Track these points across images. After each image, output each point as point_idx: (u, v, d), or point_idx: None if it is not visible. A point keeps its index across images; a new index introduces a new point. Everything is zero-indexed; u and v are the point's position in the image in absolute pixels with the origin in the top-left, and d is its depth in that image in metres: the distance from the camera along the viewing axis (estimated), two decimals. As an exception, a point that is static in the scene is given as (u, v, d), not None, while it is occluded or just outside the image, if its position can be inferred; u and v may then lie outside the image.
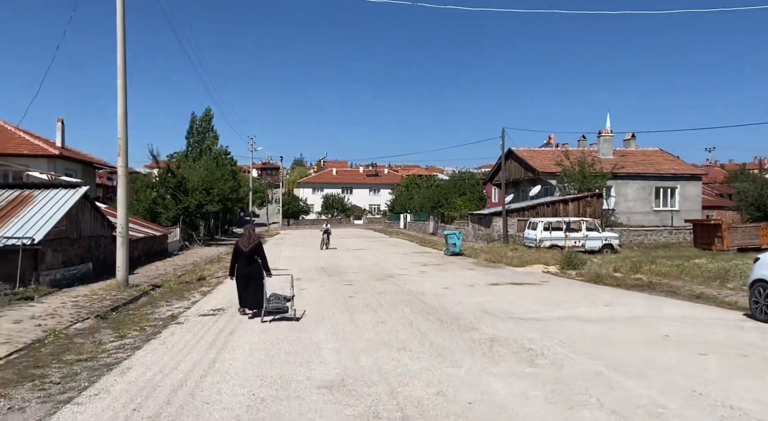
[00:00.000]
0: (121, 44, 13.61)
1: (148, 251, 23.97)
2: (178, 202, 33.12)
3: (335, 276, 17.05)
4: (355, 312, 10.24)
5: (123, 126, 13.85)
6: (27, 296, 11.96)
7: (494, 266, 21.20)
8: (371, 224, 76.54)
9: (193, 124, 44.73)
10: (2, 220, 13.89)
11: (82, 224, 16.43)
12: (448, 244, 27.07)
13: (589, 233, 28.17)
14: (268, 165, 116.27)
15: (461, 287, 14.18)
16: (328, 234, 31.71)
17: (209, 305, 11.58)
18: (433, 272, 18.30)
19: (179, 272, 18.67)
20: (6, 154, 29.31)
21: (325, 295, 12.71)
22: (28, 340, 8.16)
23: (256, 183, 69.30)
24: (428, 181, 69.66)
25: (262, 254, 10.32)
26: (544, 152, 42.91)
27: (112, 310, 11.17)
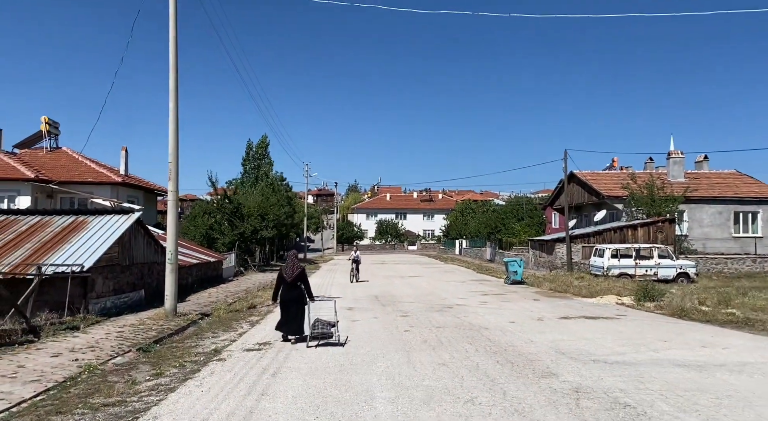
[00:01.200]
0: (173, 68, 13.40)
1: (202, 277, 23.79)
2: (234, 227, 33.20)
3: (389, 306, 16.04)
4: (412, 350, 9.18)
5: (174, 149, 13.55)
6: (73, 326, 11.58)
7: (561, 296, 19.60)
8: (425, 249, 75.26)
9: (250, 150, 45.35)
10: (55, 246, 13.77)
11: (135, 250, 16.22)
12: (508, 272, 25.59)
13: (662, 261, 26.05)
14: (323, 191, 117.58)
15: (528, 321, 12.85)
16: (357, 264, 26.33)
17: (256, 338, 10.81)
18: (495, 303, 16.98)
19: (230, 300, 18.18)
20: (73, 181, 30.33)
21: (379, 328, 11.71)
22: (60, 377, 7.57)
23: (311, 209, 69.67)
24: (484, 207, 67.92)
25: (305, 279, 10.50)
26: (609, 175, 40.70)
27: (156, 342, 10.59)
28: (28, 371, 7.87)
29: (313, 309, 10.25)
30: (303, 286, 10.40)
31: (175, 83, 13.39)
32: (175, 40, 13.37)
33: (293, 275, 10.26)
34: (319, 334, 9.68)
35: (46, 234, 14.41)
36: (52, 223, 15.13)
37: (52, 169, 31.12)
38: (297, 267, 10.40)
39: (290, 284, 10.27)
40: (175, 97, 13.43)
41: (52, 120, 34.26)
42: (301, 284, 10.38)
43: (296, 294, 10.26)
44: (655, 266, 25.93)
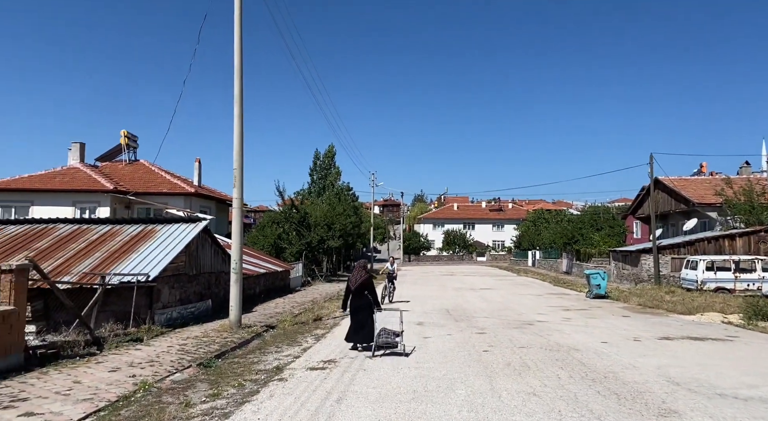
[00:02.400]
0: (238, 72, 13.02)
1: (270, 287, 23.54)
2: (301, 237, 33.09)
3: (463, 321, 14.88)
4: (495, 376, 8.04)
5: (239, 156, 13.14)
6: (137, 338, 11.27)
7: (653, 312, 17.70)
8: (495, 260, 72.96)
9: (317, 160, 45.46)
10: (123, 255, 13.67)
11: (202, 259, 15.99)
12: (590, 285, 23.70)
13: (767, 274, 23.31)
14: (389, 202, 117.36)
15: (623, 341, 11.34)
16: (392, 280, 20.70)
17: (320, 354, 10.02)
18: (580, 320, 15.42)
19: (296, 311, 17.63)
20: (149, 192, 31.26)
21: (454, 347, 10.62)
22: (114, 396, 7.04)
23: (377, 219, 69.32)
24: (558, 216, 64.99)
25: (371, 289, 10.45)
26: (699, 181, 37.55)
27: (218, 356, 10.03)
28: (82, 387, 7.42)
29: (379, 319, 10.27)
30: (370, 295, 10.38)
31: (239, 88, 13.00)
32: (240, 41, 13.00)
33: (357, 283, 10.40)
34: (384, 343, 9.75)
35: (115, 243, 14.39)
36: (122, 232, 15.14)
37: (130, 180, 32.25)
38: (362, 276, 10.48)
39: (355, 292, 10.42)
40: (239, 102, 13.04)
41: (131, 133, 35.63)
42: (367, 293, 10.39)
43: (362, 303, 10.32)
44: (759, 280, 23.34)
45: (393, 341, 9.78)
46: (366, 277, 10.48)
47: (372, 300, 10.35)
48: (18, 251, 13.68)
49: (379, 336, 9.77)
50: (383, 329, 9.89)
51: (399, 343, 9.79)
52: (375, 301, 10.41)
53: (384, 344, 9.78)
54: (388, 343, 9.78)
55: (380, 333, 9.81)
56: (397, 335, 9.82)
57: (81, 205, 29.64)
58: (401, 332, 9.93)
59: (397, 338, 9.80)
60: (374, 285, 10.68)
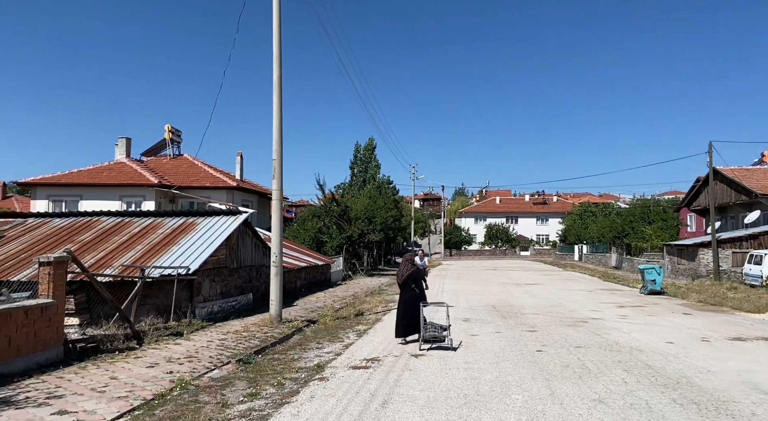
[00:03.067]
0: (277, 58, 12.65)
1: (311, 280, 23.31)
2: (342, 231, 32.79)
3: (511, 318, 14.16)
4: (553, 378, 7.36)
5: (278, 146, 12.79)
6: (177, 332, 11.07)
7: (716, 310, 16.51)
8: (539, 255, 71.22)
9: (357, 153, 45.12)
10: (164, 248, 13.56)
11: (242, 252, 15.79)
12: (644, 280, 22.48)
13: (839, 270, 21.61)
14: (429, 195, 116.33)
15: (691, 341, 10.42)
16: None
17: (363, 352, 9.55)
18: (637, 317, 14.46)
19: (338, 305, 17.27)
20: (192, 186, 31.59)
21: (505, 346, 9.96)
22: (149, 394, 6.73)
23: (418, 213, 68.62)
24: (606, 209, 62.80)
25: (419, 281, 10.38)
26: (762, 171, 35.33)
27: (258, 352, 9.70)
28: (119, 384, 7.16)
29: (426, 313, 10.03)
30: (416, 288, 10.29)
31: (278, 75, 12.63)
32: (279, 26, 12.60)
33: (403, 276, 10.31)
34: (431, 337, 9.58)
35: (156, 236, 14.31)
36: (163, 225, 15.07)
37: (174, 175, 32.66)
38: (408, 269, 10.38)
39: (402, 285, 10.37)
40: (278, 90, 12.67)
41: (175, 128, 36.12)
42: (414, 286, 10.29)
43: (410, 296, 10.23)
44: (831, 277, 21.61)
45: (440, 335, 9.61)
46: (413, 269, 10.39)
47: (419, 293, 10.23)
48: (63, 244, 13.74)
49: (426, 330, 9.63)
50: (430, 323, 9.76)
51: (446, 337, 9.58)
52: (422, 294, 10.29)
53: (431, 338, 9.62)
54: (435, 337, 9.61)
55: (427, 327, 9.68)
56: (444, 329, 9.66)
57: (127, 199, 30.17)
58: (448, 326, 9.75)
59: (444, 332, 9.63)
60: (421, 278, 10.61)
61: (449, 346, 9.61)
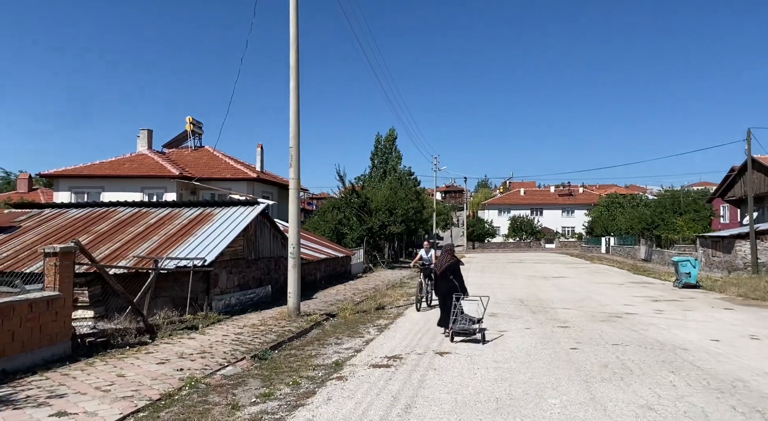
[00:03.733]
0: (294, 39, 12.10)
1: (331, 273, 22.87)
2: (362, 222, 32.33)
3: (540, 313, 13.49)
4: (593, 381, 6.72)
5: (295, 133, 12.27)
6: (192, 326, 10.68)
7: (759, 304, 15.59)
8: (565, 247, 69.84)
9: (378, 144, 44.45)
10: (180, 239, 13.20)
11: (260, 243, 15.38)
12: (679, 273, 21.50)
13: None
14: (451, 187, 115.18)
15: (738, 339, 9.65)
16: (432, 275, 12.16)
17: (384, 349, 9.01)
18: (675, 312, 13.66)
19: (358, 298, 16.77)
20: (213, 178, 31.41)
21: (536, 344, 9.32)
22: (156, 394, 6.30)
23: (440, 205, 67.76)
24: (633, 200, 61.15)
25: (457, 273, 10.28)
26: (802, 158, 33.66)
27: (274, 347, 9.24)
28: (126, 382, 6.74)
29: (462, 305, 9.71)
30: (455, 280, 10.14)
31: (295, 58, 12.09)
32: (296, 7, 12.04)
33: (442, 267, 10.29)
34: (460, 329, 9.37)
35: (173, 227, 13.97)
36: (180, 215, 14.72)
37: (195, 166, 32.50)
38: (447, 260, 10.37)
39: (441, 276, 10.31)
40: (296, 75, 12.14)
41: (196, 120, 35.95)
42: (452, 277, 10.16)
43: (447, 287, 10.10)
44: None
45: (470, 327, 9.35)
46: (453, 261, 10.37)
47: (457, 284, 10.07)
48: (78, 234, 13.48)
49: (456, 322, 9.39)
50: (462, 315, 9.48)
51: (477, 330, 9.33)
52: (461, 285, 10.12)
53: (461, 331, 9.38)
54: (465, 330, 9.36)
55: (457, 319, 9.42)
56: (475, 322, 9.40)
57: (149, 191, 30.08)
58: (480, 319, 9.51)
59: (475, 325, 9.36)
60: (461, 270, 10.49)
61: (480, 339, 9.29)
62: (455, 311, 9.49)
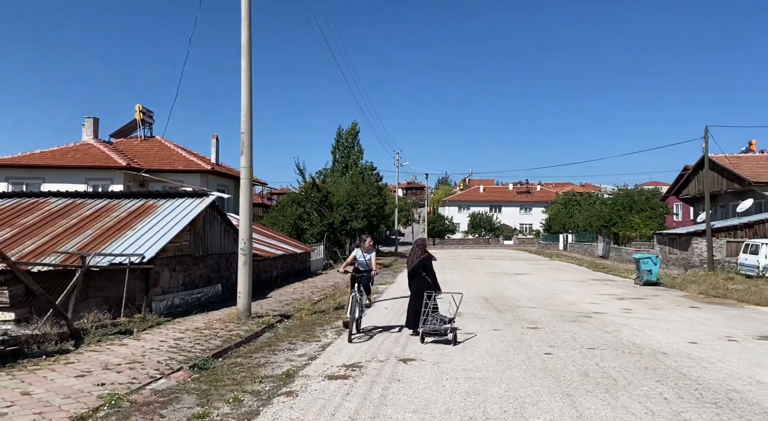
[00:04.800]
0: (246, 13, 11.01)
1: (288, 270, 21.79)
2: (323, 217, 31.29)
3: (507, 312, 12.86)
4: (576, 393, 6.01)
5: (247, 117, 11.19)
6: (126, 330, 9.52)
7: (721, 303, 15.43)
8: (522, 244, 70.39)
9: (340, 138, 43.35)
10: (117, 233, 11.94)
11: (210, 238, 14.22)
12: (640, 271, 21.40)
13: (837, 261, 20.79)
14: (412, 184, 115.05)
15: (716, 341, 9.18)
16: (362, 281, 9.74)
17: (342, 356, 8.12)
18: (644, 311, 13.27)
19: (316, 297, 15.81)
20: (163, 170, 29.75)
21: (507, 348, 8.61)
22: (64, 418, 5.23)
23: (401, 201, 67.17)
24: (590, 198, 62.06)
25: (429, 270, 9.58)
26: (754, 159, 34.57)
27: (218, 355, 8.23)
28: (30, 402, 5.63)
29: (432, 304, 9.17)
30: (428, 276, 9.50)
31: (247, 35, 11.00)
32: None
33: (413, 263, 9.64)
34: (432, 330, 8.85)
35: (110, 219, 12.68)
36: (119, 207, 13.41)
37: (145, 157, 30.76)
38: (419, 256, 9.63)
39: (412, 273, 9.69)
40: (248, 53, 11.05)
41: (147, 108, 34.05)
42: (424, 273, 9.53)
43: (418, 285, 9.48)
44: (829, 267, 20.79)
45: (440, 328, 8.81)
46: (425, 256, 9.63)
47: (430, 281, 9.43)
48: (0, 228, 12.05)
49: (426, 322, 8.85)
50: (433, 315, 8.94)
51: (448, 330, 8.80)
52: (434, 283, 9.46)
53: (432, 331, 8.87)
54: (436, 330, 8.83)
55: (428, 319, 8.89)
56: (446, 322, 8.86)
57: (93, 182, 28.22)
58: (452, 319, 8.99)
59: (446, 325, 8.83)
60: (433, 265, 9.72)
61: (451, 339, 8.79)
62: (426, 310, 8.92)
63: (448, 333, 8.83)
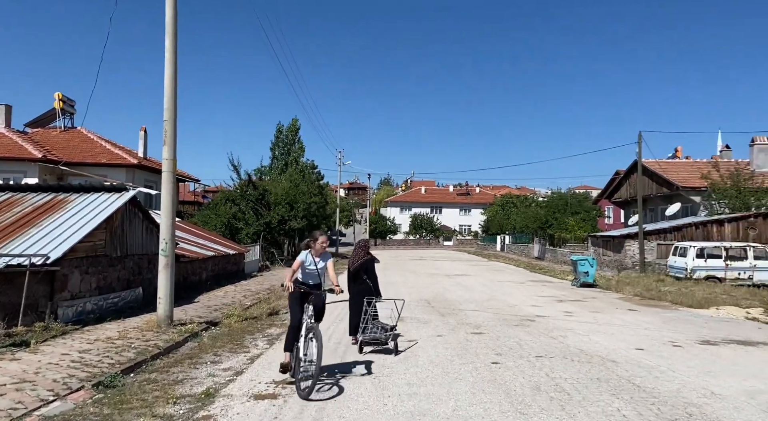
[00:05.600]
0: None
1: (220, 272, 20.55)
2: (260, 217, 30.02)
3: (450, 316, 12.38)
4: (529, 410, 5.47)
5: (171, 101, 10.12)
6: (21, 342, 8.28)
7: (657, 305, 15.63)
8: (462, 245, 71.19)
9: (279, 134, 41.96)
10: (19, 230, 10.56)
11: (130, 238, 12.96)
12: (577, 272, 21.64)
13: (758, 263, 21.80)
14: (355, 184, 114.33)
15: (662, 347, 8.99)
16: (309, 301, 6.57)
17: (272, 370, 7.27)
18: (584, 314, 13.15)
19: (249, 302, 14.80)
20: (85, 163, 27.57)
21: (452, 356, 8.04)
22: None
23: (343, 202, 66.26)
24: (526, 201, 63.53)
25: (371, 273, 9.02)
26: (682, 164, 36.12)
27: (128, 370, 7.21)
28: None
29: (375, 310, 8.66)
30: (369, 280, 8.92)
31: (173, 12, 9.93)
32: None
33: (354, 265, 8.97)
34: (371, 339, 8.22)
35: (12, 215, 11.25)
36: (23, 201, 11.95)
37: (64, 149, 28.42)
38: (360, 257, 9.01)
39: (353, 276, 9.03)
40: (173, 32, 9.99)
41: (68, 97, 31.55)
42: (365, 276, 8.94)
43: (360, 289, 8.85)
44: (751, 269, 21.75)
45: (381, 336, 8.20)
46: (367, 258, 9.03)
47: (371, 286, 8.86)
48: None
49: (366, 330, 8.23)
50: (373, 323, 8.37)
51: (389, 339, 8.24)
52: (375, 288, 8.90)
53: (371, 340, 8.22)
54: (376, 339, 8.20)
55: (368, 327, 8.28)
56: (387, 330, 8.30)
57: (4, 175, 25.64)
58: (394, 326, 8.44)
59: (387, 333, 8.27)
60: (375, 268, 9.19)
61: (393, 350, 8.20)
62: (366, 317, 8.33)
63: (388, 342, 8.27)
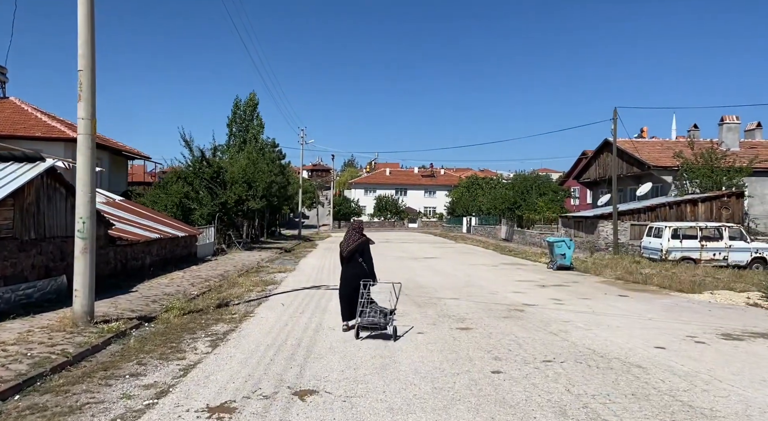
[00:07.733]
0: None
1: (167, 256, 18.45)
2: (215, 196, 27.75)
3: (428, 307, 10.83)
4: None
5: (87, 47, 8.07)
6: None
7: (645, 289, 14.52)
8: (427, 227, 70.17)
9: (236, 110, 39.35)
10: None
11: (48, 217, 10.85)
12: (554, 255, 20.52)
13: (733, 243, 21.12)
14: (318, 166, 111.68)
15: (682, 344, 7.63)
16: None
17: (209, 387, 5.52)
18: (575, 302, 11.83)
19: (196, 291, 12.88)
20: (16, 136, 24.67)
21: (441, 364, 6.45)
22: None
23: (306, 183, 63.98)
24: (492, 182, 62.67)
25: (367, 255, 8.73)
26: (652, 143, 35.49)
27: (12, 391, 5.35)
28: None
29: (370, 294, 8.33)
30: (364, 263, 8.60)
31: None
32: None
33: (348, 248, 8.59)
34: (369, 323, 7.97)
35: None
36: None
37: (-9, 121, 25.47)
38: (354, 240, 8.65)
39: (347, 259, 8.67)
40: (85, -43, 7.91)
41: (-2, 64, 28.38)
42: (361, 259, 8.61)
43: (354, 272, 8.54)
44: (725, 249, 21.07)
45: (379, 321, 7.88)
46: (362, 240, 8.67)
47: (367, 269, 8.53)
48: None
49: (363, 314, 7.96)
50: (370, 307, 8.07)
51: (388, 324, 7.91)
52: (370, 271, 8.58)
53: (369, 325, 7.91)
54: (375, 323, 7.89)
55: (365, 311, 8.00)
56: (386, 315, 7.99)
57: None
58: (393, 310, 8.16)
59: (386, 318, 7.93)
60: (370, 250, 8.81)
61: (392, 335, 7.86)
62: (362, 301, 8.02)
63: (388, 327, 7.89)
